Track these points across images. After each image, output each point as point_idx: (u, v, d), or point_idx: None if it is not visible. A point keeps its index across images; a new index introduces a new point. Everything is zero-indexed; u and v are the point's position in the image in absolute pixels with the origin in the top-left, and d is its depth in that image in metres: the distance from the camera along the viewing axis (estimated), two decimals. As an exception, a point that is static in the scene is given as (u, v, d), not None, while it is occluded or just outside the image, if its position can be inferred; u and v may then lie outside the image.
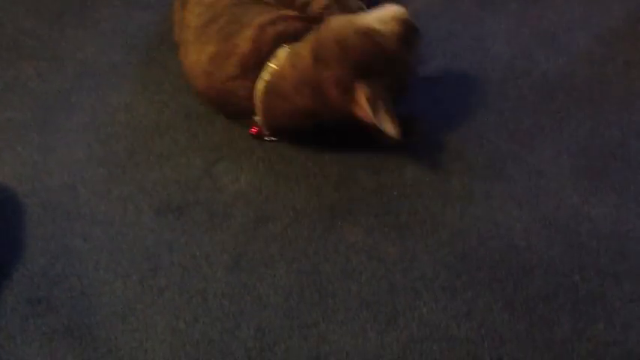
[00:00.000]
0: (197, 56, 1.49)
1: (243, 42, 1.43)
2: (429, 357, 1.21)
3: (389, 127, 1.35)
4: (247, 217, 1.41)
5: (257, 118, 1.48)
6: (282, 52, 1.42)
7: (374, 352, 1.22)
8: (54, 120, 1.58)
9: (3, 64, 1.71)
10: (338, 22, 1.39)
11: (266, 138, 1.52)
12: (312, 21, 1.45)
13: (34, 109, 1.61)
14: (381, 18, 1.39)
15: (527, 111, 1.58)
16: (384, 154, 1.49)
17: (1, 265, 1.34)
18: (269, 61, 1.41)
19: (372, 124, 1.36)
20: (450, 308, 1.27)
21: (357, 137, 1.47)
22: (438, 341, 1.22)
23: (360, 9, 1.52)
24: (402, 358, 1.21)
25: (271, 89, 1.42)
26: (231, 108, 1.50)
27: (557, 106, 1.59)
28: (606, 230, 1.37)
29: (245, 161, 1.50)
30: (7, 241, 1.37)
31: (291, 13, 1.47)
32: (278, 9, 1.48)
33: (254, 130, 1.50)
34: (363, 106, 1.35)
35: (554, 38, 1.74)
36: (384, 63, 1.37)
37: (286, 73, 1.40)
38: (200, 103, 1.60)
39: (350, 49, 1.35)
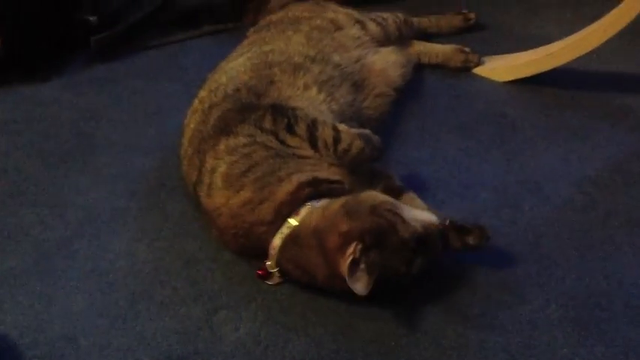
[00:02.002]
0: (225, 200, 1.55)
1: (281, 192, 1.50)
2: None
3: (359, 286, 1.39)
4: (247, 369, 1.43)
5: (268, 264, 1.53)
6: (305, 210, 1.50)
7: None
8: (55, 268, 1.60)
9: (5, 212, 1.74)
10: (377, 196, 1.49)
11: (270, 282, 1.56)
12: (342, 189, 1.54)
13: (35, 257, 1.63)
14: (414, 215, 1.48)
15: (515, 259, 1.64)
16: (381, 304, 1.53)
17: (0, 422, 1.33)
18: (290, 216, 1.49)
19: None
20: None
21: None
22: None
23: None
24: None
25: (287, 249, 1.49)
26: (249, 249, 1.56)
27: (543, 254, 1.65)
28: (598, 385, 1.41)
29: (244, 310, 1.53)
30: (6, 397, 1.37)
31: (324, 173, 1.56)
32: (311, 164, 1.57)
33: (261, 272, 1.55)
34: (345, 258, 1.40)
35: (538, 187, 1.82)
36: (391, 243, 1.42)
37: (307, 225, 1.47)
38: (200, 248, 1.64)
39: (376, 215, 1.43)
